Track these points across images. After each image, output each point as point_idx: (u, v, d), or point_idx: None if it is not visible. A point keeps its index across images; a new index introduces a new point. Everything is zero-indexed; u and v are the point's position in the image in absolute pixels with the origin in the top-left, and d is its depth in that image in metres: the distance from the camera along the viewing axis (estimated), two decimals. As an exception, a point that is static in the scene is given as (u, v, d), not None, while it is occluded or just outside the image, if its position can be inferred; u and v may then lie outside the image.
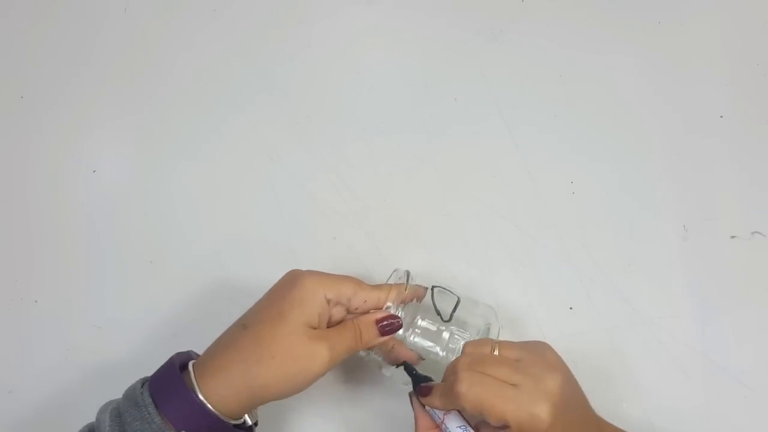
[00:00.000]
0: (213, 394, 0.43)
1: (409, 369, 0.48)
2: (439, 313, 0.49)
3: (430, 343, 0.49)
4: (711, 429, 0.54)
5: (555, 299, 0.58)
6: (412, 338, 0.49)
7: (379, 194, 0.62)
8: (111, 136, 0.66)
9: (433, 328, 0.49)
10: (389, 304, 0.49)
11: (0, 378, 0.59)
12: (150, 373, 0.46)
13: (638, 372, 0.56)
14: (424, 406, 0.47)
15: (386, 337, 0.48)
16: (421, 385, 0.47)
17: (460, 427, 0.45)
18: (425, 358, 0.49)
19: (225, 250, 0.61)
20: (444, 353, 0.49)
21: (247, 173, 0.63)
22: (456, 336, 0.49)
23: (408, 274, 0.51)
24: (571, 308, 0.58)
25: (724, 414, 0.54)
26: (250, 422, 0.46)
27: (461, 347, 0.47)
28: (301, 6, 0.68)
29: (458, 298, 0.50)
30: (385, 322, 0.48)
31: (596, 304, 0.58)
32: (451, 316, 0.49)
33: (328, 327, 0.47)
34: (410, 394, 0.48)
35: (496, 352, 0.45)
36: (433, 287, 0.51)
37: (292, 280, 0.47)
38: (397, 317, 0.48)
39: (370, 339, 0.47)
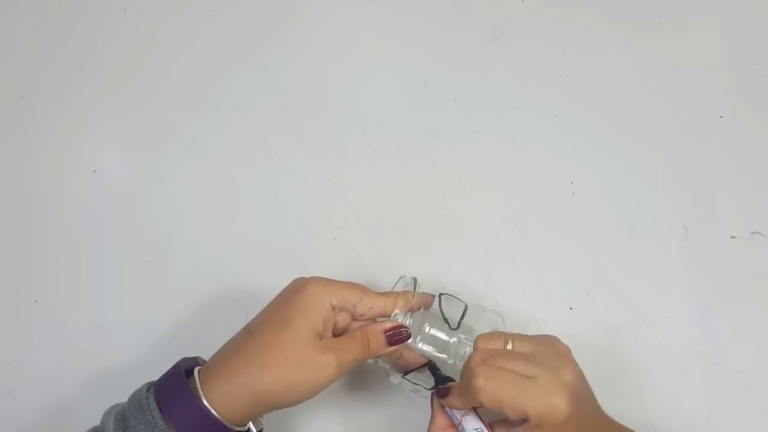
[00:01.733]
0: (217, 399, 0.43)
1: (433, 369, 0.48)
2: (446, 321, 0.49)
3: (438, 351, 0.49)
4: (711, 429, 0.54)
5: (555, 299, 0.58)
6: (420, 345, 0.49)
7: (379, 194, 0.62)
8: (111, 136, 0.66)
9: (441, 335, 0.49)
10: (396, 311, 0.48)
11: (0, 378, 0.59)
12: (150, 373, 0.46)
13: (638, 372, 0.56)
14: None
15: (394, 347, 0.47)
16: (439, 387, 0.47)
17: (476, 429, 0.44)
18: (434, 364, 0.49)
19: (225, 250, 0.61)
20: (452, 360, 0.49)
21: (247, 173, 0.63)
22: (464, 343, 0.49)
23: (415, 281, 0.51)
24: (571, 308, 0.58)
25: (724, 414, 0.55)
26: (254, 430, 0.46)
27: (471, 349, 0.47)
28: (301, 6, 0.68)
29: (466, 305, 0.50)
30: (393, 332, 0.47)
31: (596, 304, 0.58)
32: (459, 323, 0.49)
33: (333, 333, 0.47)
34: (432, 394, 0.48)
35: (509, 346, 0.45)
36: (440, 294, 0.50)
37: (298, 286, 0.47)
38: (405, 327, 0.48)
39: (378, 349, 0.47)
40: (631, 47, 0.64)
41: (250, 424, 0.45)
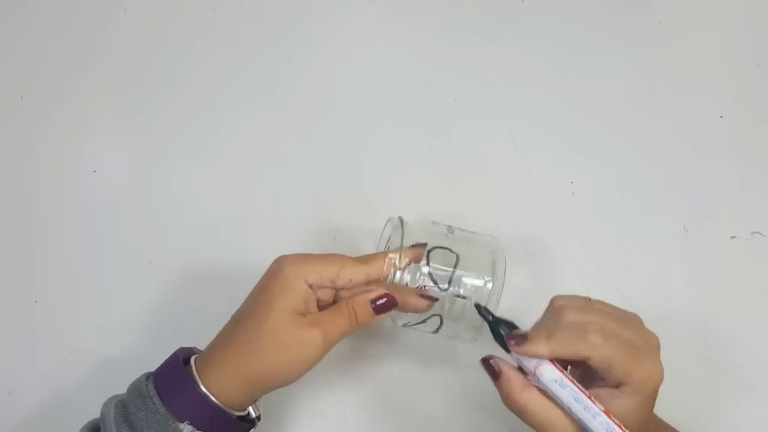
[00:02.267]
0: (215, 386, 0.43)
1: (485, 313, 0.45)
2: (436, 283, 0.48)
3: (438, 287, 0.48)
4: (711, 429, 0.54)
5: (555, 299, 0.58)
6: (421, 282, 0.48)
7: (380, 194, 0.62)
8: (111, 136, 0.66)
9: (440, 272, 0.49)
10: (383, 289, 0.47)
11: (0, 378, 0.59)
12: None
13: (638, 372, 0.56)
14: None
15: (382, 315, 0.47)
16: (514, 334, 0.42)
17: (555, 380, 0.40)
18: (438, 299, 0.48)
19: (225, 250, 0.61)
20: (456, 289, 0.48)
21: (247, 173, 0.63)
22: (464, 277, 0.48)
23: (401, 222, 0.50)
24: (571, 308, 0.58)
25: (724, 414, 0.54)
26: (254, 414, 0.46)
27: (490, 288, 0.47)
28: (301, 7, 0.68)
29: (457, 255, 0.49)
30: (379, 302, 0.46)
31: (596, 304, 0.58)
32: (451, 279, 0.48)
33: (321, 308, 0.47)
34: (483, 360, 0.43)
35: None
36: (428, 252, 0.49)
37: (275, 269, 0.46)
38: (391, 295, 0.47)
39: (365, 319, 0.46)
40: (631, 47, 0.64)
41: (250, 409, 0.46)
